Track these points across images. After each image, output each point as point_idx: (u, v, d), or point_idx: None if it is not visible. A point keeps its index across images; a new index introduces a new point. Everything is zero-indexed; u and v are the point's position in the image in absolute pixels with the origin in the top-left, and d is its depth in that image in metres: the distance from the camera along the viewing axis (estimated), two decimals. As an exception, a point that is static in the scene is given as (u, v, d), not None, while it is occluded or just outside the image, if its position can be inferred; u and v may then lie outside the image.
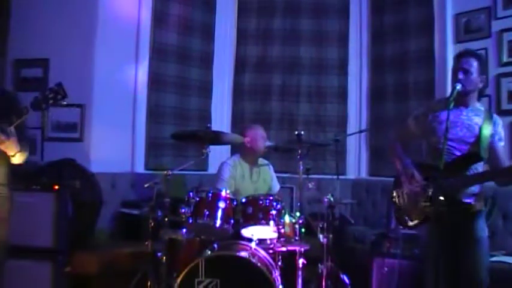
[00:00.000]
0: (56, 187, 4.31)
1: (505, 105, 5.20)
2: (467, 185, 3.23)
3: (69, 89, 3.37)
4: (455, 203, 3.16)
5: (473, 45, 5.24)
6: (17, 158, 3.24)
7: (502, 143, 3.38)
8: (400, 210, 3.51)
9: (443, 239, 3.08)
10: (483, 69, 3.40)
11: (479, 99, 3.49)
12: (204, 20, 6.77)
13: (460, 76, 3.28)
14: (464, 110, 3.38)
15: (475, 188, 3.28)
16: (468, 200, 3.23)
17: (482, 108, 3.44)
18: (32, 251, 4.14)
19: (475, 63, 3.32)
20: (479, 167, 3.31)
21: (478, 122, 3.34)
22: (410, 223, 3.40)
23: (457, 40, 5.65)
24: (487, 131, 3.30)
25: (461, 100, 3.34)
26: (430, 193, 3.06)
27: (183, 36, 6.56)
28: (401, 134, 3.78)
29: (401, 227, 3.63)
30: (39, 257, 4.16)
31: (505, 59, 5.27)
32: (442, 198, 2.93)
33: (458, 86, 3.20)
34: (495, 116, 3.43)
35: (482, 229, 3.29)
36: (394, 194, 3.59)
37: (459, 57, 3.40)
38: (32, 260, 4.12)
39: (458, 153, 3.31)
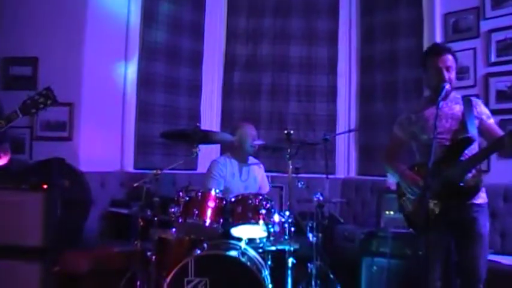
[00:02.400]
0: (45, 186, 4.28)
1: (493, 105, 5.21)
2: (466, 168, 3.24)
3: (58, 87, 3.37)
4: (459, 192, 3.21)
5: (462, 45, 5.32)
6: (1, 161, 3.23)
7: (491, 120, 3.44)
8: (411, 216, 3.51)
9: (445, 234, 3.12)
10: (456, 61, 3.47)
11: None
12: (194, 19, 6.76)
13: (447, 76, 3.34)
14: (443, 102, 3.41)
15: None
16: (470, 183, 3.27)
17: (459, 96, 3.52)
18: (21, 250, 4.09)
19: (453, 59, 3.42)
20: (474, 150, 3.33)
21: (459, 108, 3.42)
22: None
23: (446, 40, 5.65)
24: (470, 114, 3.36)
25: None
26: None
27: (172, 34, 6.55)
28: (390, 145, 3.82)
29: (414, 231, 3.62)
30: (28, 256, 4.10)
31: (493, 58, 5.30)
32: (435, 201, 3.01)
33: (447, 86, 3.30)
34: (472, 98, 3.49)
35: (484, 225, 3.31)
36: (401, 202, 3.59)
37: (438, 54, 3.43)
38: (21, 260, 4.07)
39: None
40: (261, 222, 3.90)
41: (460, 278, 3.36)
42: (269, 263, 4.02)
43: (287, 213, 4.05)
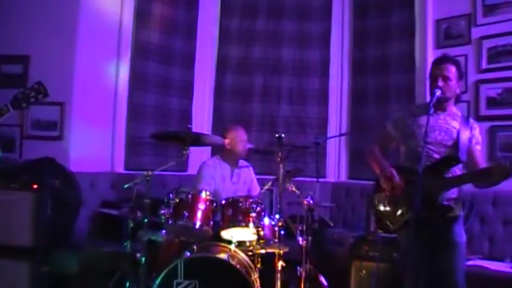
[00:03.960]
0: (35, 186, 4.27)
1: (483, 111, 5.26)
2: (446, 187, 3.27)
3: (49, 86, 3.36)
4: (434, 207, 3.20)
5: (453, 51, 5.31)
6: None
7: (478, 147, 3.46)
8: (381, 215, 3.52)
9: (421, 244, 3.11)
10: (461, 75, 3.45)
11: (455, 104, 3.55)
12: (187, 20, 6.75)
13: (440, 83, 3.34)
14: (442, 114, 3.43)
15: (452, 193, 3.32)
16: (447, 203, 3.27)
17: (459, 113, 3.52)
18: (11, 250, 4.09)
19: (453, 70, 3.39)
20: (458, 170, 3.36)
21: (456, 126, 3.42)
22: (392, 228, 3.42)
23: (437, 46, 5.70)
24: (465, 135, 3.37)
25: (439, 105, 3.39)
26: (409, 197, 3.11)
27: (165, 35, 6.53)
28: (380, 138, 3.79)
29: (381, 231, 3.65)
30: (18, 256, 4.11)
31: (484, 65, 5.33)
32: (420, 202, 2.98)
33: (438, 92, 3.28)
34: (471, 120, 3.52)
35: (460, 234, 3.33)
36: (375, 199, 3.58)
37: (438, 63, 3.45)
38: (10, 259, 4.08)
39: (437, 156, 3.35)
40: (251, 225, 3.91)
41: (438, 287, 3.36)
42: (259, 266, 4.02)
43: (277, 216, 4.06)
